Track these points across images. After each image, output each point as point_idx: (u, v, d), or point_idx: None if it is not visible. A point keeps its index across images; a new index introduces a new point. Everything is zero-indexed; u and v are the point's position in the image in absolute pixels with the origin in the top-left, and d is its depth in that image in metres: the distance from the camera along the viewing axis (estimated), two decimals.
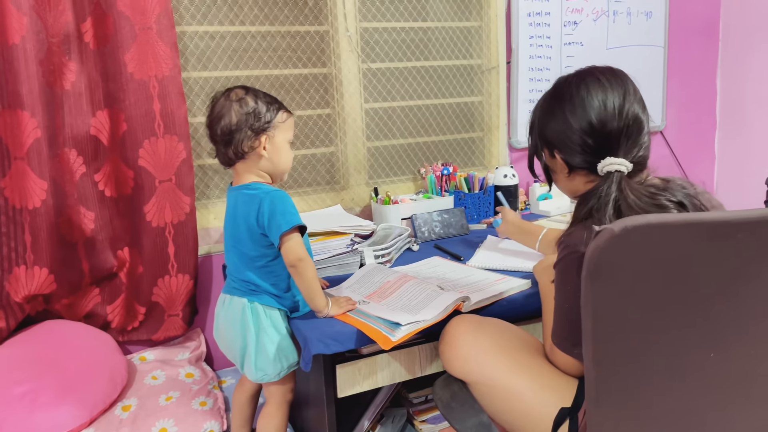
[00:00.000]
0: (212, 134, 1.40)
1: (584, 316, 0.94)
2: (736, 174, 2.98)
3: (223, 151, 1.40)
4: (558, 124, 1.14)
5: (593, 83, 1.12)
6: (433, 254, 1.89)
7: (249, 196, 1.38)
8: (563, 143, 1.14)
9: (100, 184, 1.82)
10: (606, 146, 1.10)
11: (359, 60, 2.22)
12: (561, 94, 1.15)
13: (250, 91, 1.40)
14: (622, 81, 1.13)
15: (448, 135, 2.46)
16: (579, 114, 1.11)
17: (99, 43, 1.75)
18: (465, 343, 1.25)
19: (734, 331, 0.95)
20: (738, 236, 0.91)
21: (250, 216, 1.36)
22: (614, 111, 1.09)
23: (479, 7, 2.42)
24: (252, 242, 1.39)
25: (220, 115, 1.37)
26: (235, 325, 1.44)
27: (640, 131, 1.11)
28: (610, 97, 1.10)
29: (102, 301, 1.89)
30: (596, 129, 1.10)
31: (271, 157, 1.40)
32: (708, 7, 2.90)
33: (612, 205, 1.06)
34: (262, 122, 1.37)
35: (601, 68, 1.16)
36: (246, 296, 1.42)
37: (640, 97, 1.14)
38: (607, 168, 1.09)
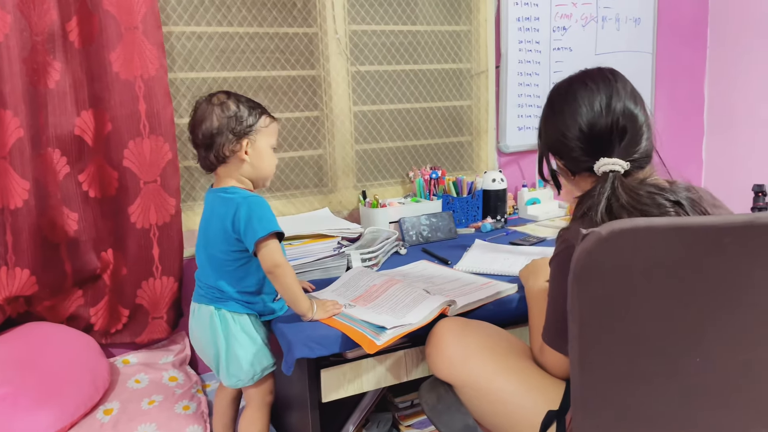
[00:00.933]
0: (194, 138, 1.38)
1: (571, 320, 0.93)
2: (723, 180, 3.00)
3: (204, 155, 1.38)
4: (554, 132, 1.17)
5: (580, 89, 1.14)
6: (421, 258, 1.88)
7: (226, 200, 1.36)
8: (561, 150, 1.17)
9: (84, 185, 1.80)
10: (599, 147, 1.11)
11: (348, 62, 2.21)
12: (553, 103, 1.18)
13: (232, 95, 1.39)
14: (608, 80, 1.14)
15: (437, 139, 2.46)
16: (570, 122, 1.13)
17: (84, 42, 1.73)
18: (451, 346, 1.24)
19: (720, 335, 0.95)
20: (724, 241, 0.91)
21: (225, 220, 1.34)
22: (601, 111, 1.11)
23: (468, 12, 2.43)
24: (225, 246, 1.36)
25: (201, 119, 1.36)
26: (205, 333, 1.42)
27: (635, 125, 1.11)
28: (597, 98, 1.11)
29: (85, 303, 1.86)
30: (587, 132, 1.11)
31: (253, 161, 1.39)
32: (696, 14, 2.93)
33: (604, 204, 1.07)
34: (244, 126, 1.36)
35: (590, 71, 1.18)
36: (213, 303, 1.40)
37: (631, 92, 1.14)
38: (603, 168, 1.10)
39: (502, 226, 2.26)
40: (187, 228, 1.99)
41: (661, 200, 1.05)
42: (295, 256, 1.66)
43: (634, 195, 1.06)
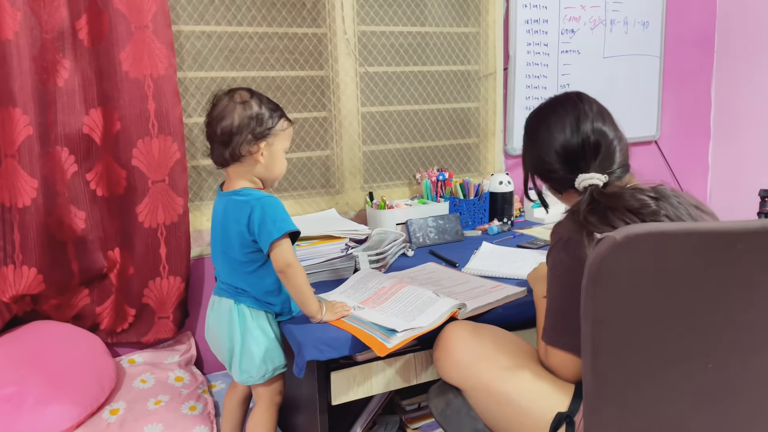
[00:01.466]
0: (211, 133, 1.37)
1: (584, 324, 0.93)
2: (729, 184, 2.99)
3: (219, 151, 1.37)
4: (534, 158, 1.26)
5: (550, 115, 1.23)
6: (428, 260, 1.87)
7: (240, 202, 1.36)
8: (543, 173, 1.26)
9: (92, 184, 1.79)
10: (576, 165, 1.19)
11: (356, 63, 2.21)
12: (529, 132, 1.28)
13: (255, 94, 1.39)
14: (575, 103, 1.23)
15: (444, 140, 2.45)
16: (545, 146, 1.22)
17: (94, 40, 1.73)
18: (460, 349, 1.24)
19: (732, 341, 0.95)
20: (737, 246, 0.91)
21: (240, 222, 1.34)
22: (572, 132, 1.19)
23: (477, 13, 2.42)
24: (242, 248, 1.37)
25: (222, 115, 1.35)
26: (222, 327, 1.43)
27: (606, 141, 1.19)
28: (567, 122, 1.20)
29: (91, 302, 1.86)
30: (562, 154, 1.20)
31: (267, 163, 1.39)
32: (704, 19, 2.92)
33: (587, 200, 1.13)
34: (264, 128, 1.36)
35: (558, 97, 1.27)
36: (233, 297, 1.42)
37: (598, 112, 1.22)
38: (583, 184, 1.17)
39: (508, 228, 2.25)
40: (195, 228, 1.99)
41: (640, 195, 1.10)
42: (304, 257, 1.66)
43: (617, 194, 1.12)
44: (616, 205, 1.10)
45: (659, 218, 1.07)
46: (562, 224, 1.16)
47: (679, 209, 1.10)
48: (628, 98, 2.74)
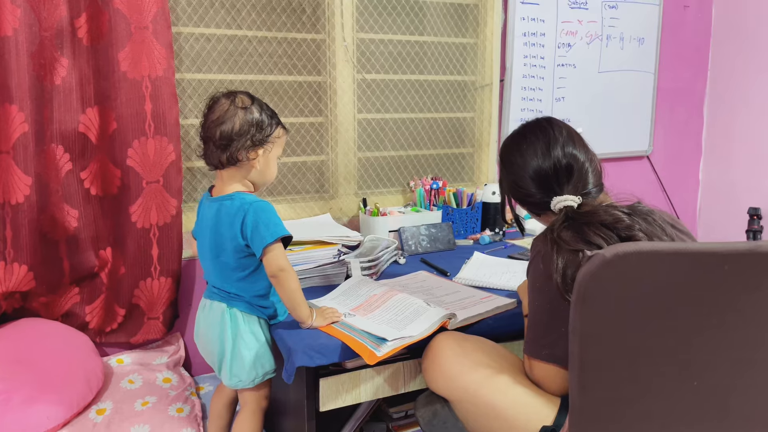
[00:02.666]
0: (209, 135, 1.37)
1: (572, 340, 0.94)
2: (719, 202, 3.02)
3: (216, 153, 1.37)
4: (510, 184, 1.30)
5: (522, 142, 1.27)
6: (420, 268, 1.88)
7: (233, 207, 1.36)
8: (520, 197, 1.30)
9: (86, 182, 1.79)
10: (550, 188, 1.23)
11: (354, 70, 2.22)
12: (503, 159, 1.32)
13: (255, 100, 1.39)
14: (545, 129, 1.27)
15: (439, 149, 2.47)
16: (520, 172, 1.26)
17: (93, 39, 1.73)
18: (448, 360, 1.24)
19: (718, 360, 0.96)
20: (725, 267, 0.92)
21: (234, 227, 1.34)
22: (543, 158, 1.23)
23: (476, 25, 2.44)
24: (235, 253, 1.37)
25: (222, 119, 1.35)
26: (213, 330, 1.43)
27: (577, 163, 1.23)
28: (538, 148, 1.24)
29: (81, 301, 1.85)
30: (535, 178, 1.24)
31: (262, 169, 1.40)
32: (699, 37, 2.96)
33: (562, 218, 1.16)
34: (263, 135, 1.37)
35: (528, 124, 1.31)
36: (225, 301, 1.42)
37: (568, 135, 1.26)
38: (558, 206, 1.21)
39: (500, 239, 2.26)
40: (187, 229, 1.99)
41: (614, 211, 1.13)
42: (296, 262, 1.66)
43: (591, 211, 1.15)
44: (590, 221, 1.12)
45: (634, 232, 1.09)
46: (539, 238, 1.18)
47: (654, 226, 1.12)
48: (622, 113, 2.77)
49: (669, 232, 1.14)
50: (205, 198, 1.45)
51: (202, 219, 1.45)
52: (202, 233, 1.45)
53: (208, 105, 1.39)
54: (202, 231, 1.44)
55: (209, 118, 1.37)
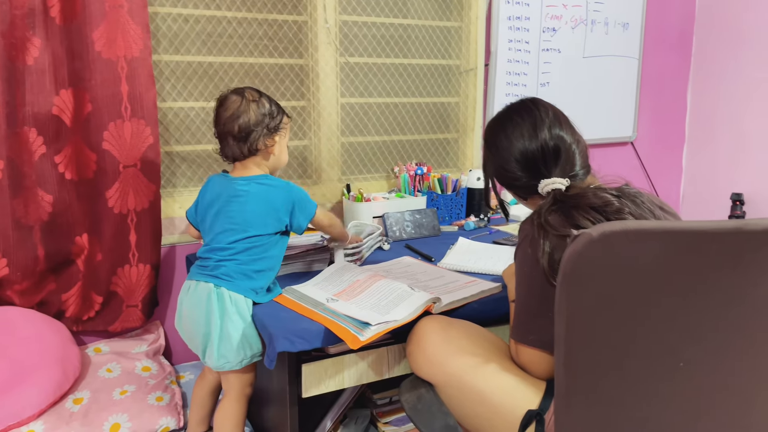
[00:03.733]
0: (227, 131, 1.46)
1: (558, 321, 0.93)
2: (702, 187, 3.04)
3: (236, 146, 1.46)
4: (496, 168, 1.27)
5: (507, 124, 1.24)
6: (404, 254, 1.86)
7: (275, 186, 1.48)
8: (506, 181, 1.27)
9: (61, 166, 1.74)
10: (537, 171, 1.21)
11: (337, 53, 2.18)
12: (488, 142, 1.29)
13: (263, 94, 1.51)
14: (530, 110, 1.24)
15: (424, 135, 2.44)
16: (506, 155, 1.23)
17: (66, 18, 1.67)
18: (433, 345, 1.23)
19: (703, 341, 0.95)
20: (712, 247, 0.91)
21: (281, 204, 1.46)
22: (530, 140, 1.20)
23: (460, 8, 2.41)
24: (270, 226, 1.46)
25: (238, 114, 1.45)
26: (199, 311, 1.42)
27: (564, 145, 1.20)
28: (524, 130, 1.21)
29: (57, 289, 1.81)
30: (522, 161, 1.21)
31: (278, 155, 1.54)
32: (682, 23, 2.96)
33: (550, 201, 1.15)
34: (276, 123, 1.49)
35: (513, 105, 1.28)
36: (213, 281, 1.41)
37: (554, 117, 1.23)
38: (546, 189, 1.19)
39: (485, 224, 2.25)
40: (167, 215, 1.95)
41: (603, 194, 1.12)
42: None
43: (580, 194, 1.14)
44: (579, 204, 1.10)
45: (623, 215, 1.08)
46: (527, 222, 1.17)
47: (642, 208, 1.11)
48: (607, 99, 2.76)
49: (657, 214, 1.13)
50: (221, 177, 1.52)
51: (212, 196, 1.50)
52: (211, 209, 1.49)
53: (219, 103, 1.48)
54: (212, 207, 1.49)
55: (223, 116, 1.46)
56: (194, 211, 1.57)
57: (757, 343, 0.98)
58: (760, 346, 0.98)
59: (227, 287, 1.41)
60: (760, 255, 0.92)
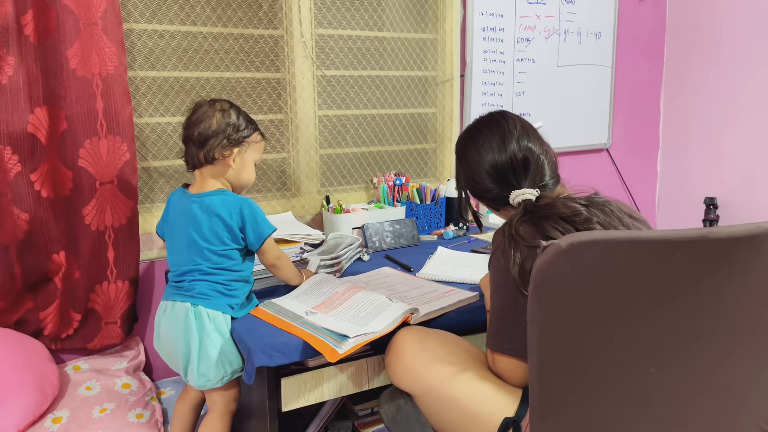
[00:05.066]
0: (188, 135, 1.45)
1: (530, 331, 0.94)
2: (676, 192, 3.09)
3: (194, 152, 1.44)
4: (467, 180, 1.29)
5: (477, 137, 1.27)
6: (384, 264, 1.88)
7: (226, 201, 1.43)
8: (478, 193, 1.29)
9: (36, 184, 1.73)
10: (508, 182, 1.23)
11: (314, 66, 2.20)
12: (459, 155, 1.31)
13: (234, 106, 1.49)
14: (499, 122, 1.26)
15: (402, 145, 2.46)
16: (476, 168, 1.25)
17: (40, 36, 1.67)
18: (410, 355, 1.24)
19: (672, 346, 0.97)
20: (678, 254, 0.93)
21: (232, 219, 1.42)
22: (499, 152, 1.23)
23: (435, 20, 2.44)
24: (229, 242, 1.44)
25: (200, 119, 1.44)
26: (177, 331, 1.41)
27: (533, 156, 1.23)
28: (494, 143, 1.24)
29: (34, 307, 1.79)
30: (492, 173, 1.24)
31: (238, 169, 1.48)
32: (654, 31, 3.02)
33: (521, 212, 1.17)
34: (239, 135, 1.45)
35: (482, 118, 1.31)
36: (189, 300, 1.41)
37: (522, 129, 1.25)
38: (516, 200, 1.21)
39: (464, 233, 2.27)
40: (145, 231, 1.95)
41: (572, 203, 1.14)
42: (256, 261, 1.64)
43: (549, 204, 1.16)
44: (548, 214, 1.13)
45: (592, 225, 1.10)
46: (499, 232, 1.19)
47: (611, 216, 1.13)
48: (581, 107, 2.81)
49: (626, 222, 1.16)
50: (180, 193, 1.49)
51: (174, 214, 1.49)
52: (174, 227, 1.48)
53: (191, 110, 1.47)
54: (175, 225, 1.47)
55: (189, 120, 1.45)
56: (162, 226, 1.56)
57: (726, 347, 1.00)
58: (729, 350, 1.01)
59: (204, 305, 1.40)
60: (726, 262, 0.95)
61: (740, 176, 2.78)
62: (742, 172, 2.77)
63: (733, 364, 1.02)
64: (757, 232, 0.95)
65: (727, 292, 0.97)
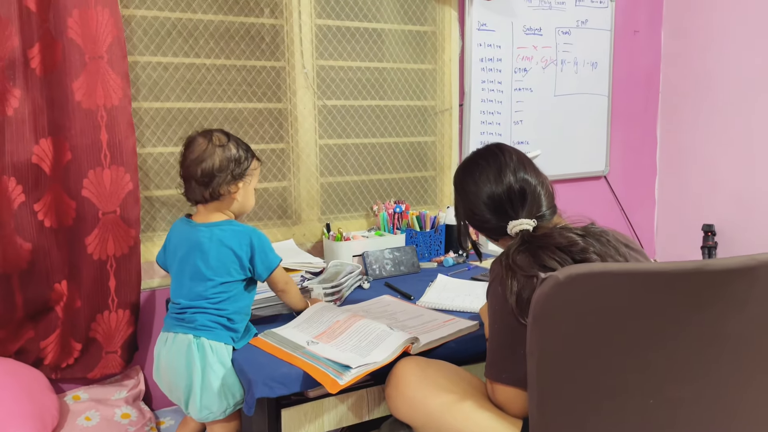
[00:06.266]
0: (190, 174, 1.45)
1: (529, 362, 0.95)
2: (675, 219, 3.11)
3: (198, 190, 1.45)
4: (466, 211, 1.32)
5: (474, 169, 1.29)
6: (384, 293, 1.88)
7: (236, 231, 1.46)
8: (476, 224, 1.31)
9: (40, 214, 1.75)
10: (505, 213, 1.25)
11: (315, 97, 2.23)
12: (458, 187, 1.34)
13: (231, 137, 1.49)
14: (495, 155, 1.29)
15: (401, 173, 2.49)
16: (474, 199, 1.28)
17: (46, 69, 1.71)
18: (410, 386, 1.24)
19: (671, 378, 0.98)
20: (675, 286, 0.94)
21: (241, 249, 1.45)
22: (496, 183, 1.25)
23: (434, 51, 2.49)
24: (235, 273, 1.45)
25: (202, 158, 1.44)
26: (179, 363, 1.41)
27: (529, 187, 1.25)
28: (491, 175, 1.26)
29: (35, 337, 1.80)
30: (490, 204, 1.26)
31: (242, 200, 1.51)
32: (649, 61, 3.06)
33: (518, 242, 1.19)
34: (241, 169, 1.47)
35: (479, 151, 1.34)
36: (192, 332, 1.41)
37: (518, 160, 1.28)
38: (514, 230, 1.23)
39: (464, 260, 2.28)
40: (146, 259, 1.96)
41: (568, 234, 1.15)
42: (259, 290, 1.64)
43: (546, 234, 1.17)
44: (545, 244, 1.14)
45: (588, 254, 1.11)
46: (497, 261, 1.20)
47: (607, 246, 1.14)
48: (579, 135, 2.84)
49: (622, 252, 1.17)
50: (183, 223, 1.51)
51: (177, 244, 1.50)
52: (177, 257, 1.48)
53: (186, 144, 1.47)
54: (179, 255, 1.48)
55: (188, 158, 1.45)
56: (163, 256, 1.57)
57: (726, 378, 1.01)
58: (730, 381, 1.01)
59: (207, 337, 1.41)
60: (723, 294, 0.96)
61: (737, 203, 2.80)
62: (739, 199, 2.79)
63: (734, 395, 1.02)
64: (752, 264, 0.96)
65: (727, 323, 0.98)
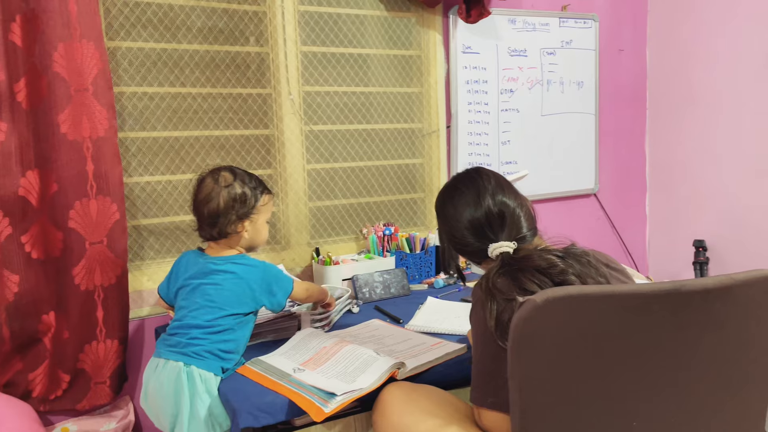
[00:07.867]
0: (199, 213, 1.51)
1: (511, 386, 0.95)
2: (666, 235, 3.12)
3: (207, 229, 1.51)
4: (448, 236, 1.33)
5: (454, 194, 1.31)
6: (373, 316, 1.88)
7: (251, 267, 1.51)
8: (458, 248, 1.32)
9: (27, 246, 1.75)
10: (485, 236, 1.26)
11: (302, 122, 2.25)
12: (439, 212, 1.35)
13: (238, 175, 1.52)
14: (473, 179, 1.31)
15: (390, 196, 2.50)
16: (454, 224, 1.29)
17: (32, 103, 1.72)
18: (396, 413, 1.23)
19: (652, 399, 0.98)
20: (653, 307, 0.95)
21: (255, 283, 1.49)
22: (475, 207, 1.26)
23: (419, 74, 2.51)
24: (245, 308, 1.48)
25: (208, 199, 1.48)
26: (168, 390, 1.41)
27: (508, 209, 1.26)
28: (469, 199, 1.28)
29: (23, 369, 1.78)
30: (470, 228, 1.27)
31: (251, 237, 1.55)
32: (635, 79, 3.10)
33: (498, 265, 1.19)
34: (247, 208, 1.50)
35: (458, 176, 1.36)
36: (183, 359, 1.40)
37: (496, 184, 1.30)
38: (494, 253, 1.24)
39: (454, 282, 2.28)
40: (135, 288, 1.95)
41: (548, 255, 1.16)
42: None
43: (526, 256, 1.18)
44: (525, 266, 1.15)
45: (567, 276, 1.11)
46: (478, 285, 1.20)
47: (588, 267, 1.14)
48: (567, 154, 2.86)
49: (603, 272, 1.17)
50: (196, 256, 1.55)
51: (189, 274, 1.51)
52: (189, 286, 1.50)
53: (196, 185, 1.52)
54: (190, 284, 1.50)
55: (197, 198, 1.51)
56: (166, 286, 1.58)
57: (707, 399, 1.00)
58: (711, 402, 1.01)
59: (198, 365, 1.41)
60: (701, 314, 0.96)
61: (727, 217, 2.81)
62: (729, 214, 2.80)
63: (715, 415, 1.02)
64: (730, 283, 0.97)
65: (705, 343, 0.98)
